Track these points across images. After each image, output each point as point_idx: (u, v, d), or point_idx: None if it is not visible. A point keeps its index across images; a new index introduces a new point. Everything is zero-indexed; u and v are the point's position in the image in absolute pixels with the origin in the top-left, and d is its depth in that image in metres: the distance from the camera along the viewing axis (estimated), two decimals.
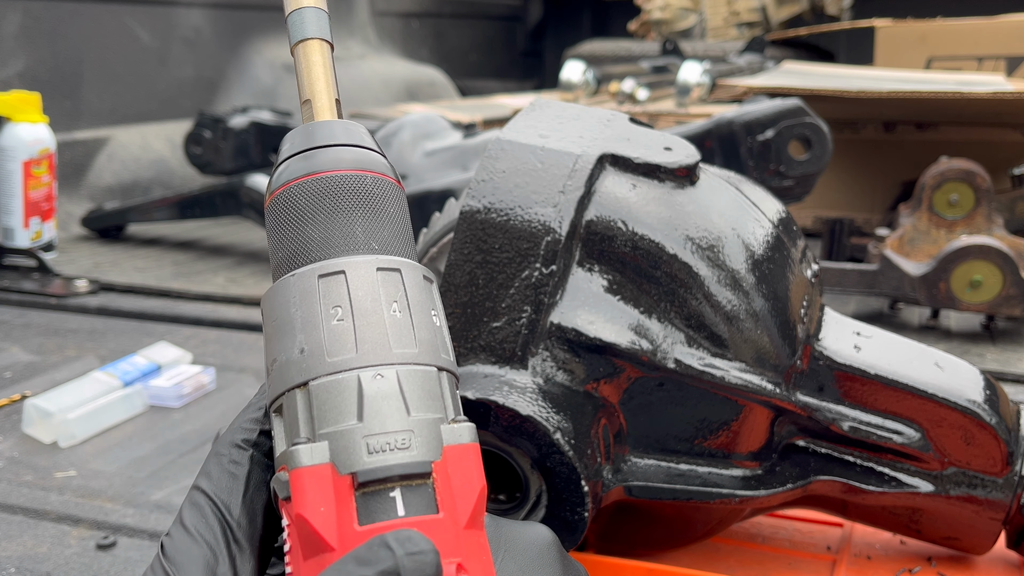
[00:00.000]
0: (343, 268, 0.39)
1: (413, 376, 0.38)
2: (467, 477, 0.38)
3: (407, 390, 0.38)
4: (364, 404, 0.37)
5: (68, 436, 0.98)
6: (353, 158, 0.42)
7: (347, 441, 0.37)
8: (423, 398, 0.38)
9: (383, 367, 0.38)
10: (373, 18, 3.42)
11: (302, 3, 0.44)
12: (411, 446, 0.37)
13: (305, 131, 0.43)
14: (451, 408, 0.39)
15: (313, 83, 0.43)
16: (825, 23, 3.39)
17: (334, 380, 0.38)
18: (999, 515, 0.69)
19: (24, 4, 2.10)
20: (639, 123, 0.73)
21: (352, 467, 0.37)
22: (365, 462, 0.37)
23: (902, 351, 0.71)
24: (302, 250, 0.40)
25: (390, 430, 0.37)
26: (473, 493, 0.38)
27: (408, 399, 0.38)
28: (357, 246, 0.40)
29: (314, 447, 0.37)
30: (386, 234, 0.41)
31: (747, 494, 0.66)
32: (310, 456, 0.37)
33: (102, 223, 1.94)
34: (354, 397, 0.38)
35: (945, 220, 1.53)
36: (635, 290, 0.64)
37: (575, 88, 2.49)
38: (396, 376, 0.38)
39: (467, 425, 0.39)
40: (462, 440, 0.39)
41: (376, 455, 0.37)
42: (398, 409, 0.38)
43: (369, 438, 0.37)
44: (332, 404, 0.38)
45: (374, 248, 0.40)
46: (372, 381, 0.38)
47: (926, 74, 2.14)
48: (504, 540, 0.42)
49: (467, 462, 0.38)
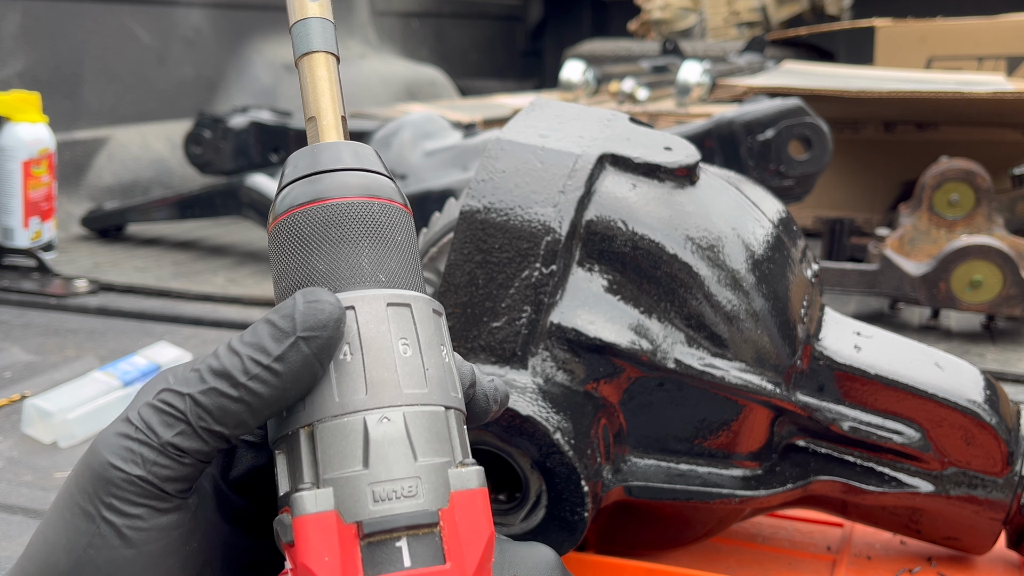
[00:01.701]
0: (353, 304, 0.39)
1: (420, 418, 0.38)
2: (475, 524, 0.37)
3: (414, 434, 0.37)
4: (370, 450, 0.37)
5: (68, 436, 0.98)
6: (360, 183, 0.40)
7: (352, 488, 0.36)
8: (430, 441, 0.38)
9: (390, 409, 0.37)
10: (373, 18, 3.42)
11: (307, 13, 0.43)
12: (418, 493, 0.36)
13: (311, 153, 0.41)
14: (459, 450, 0.39)
15: (319, 99, 0.42)
16: (825, 23, 3.39)
17: (340, 424, 0.37)
18: (999, 515, 0.69)
19: (24, 4, 2.10)
20: (639, 123, 0.72)
21: (357, 516, 0.36)
22: (371, 511, 0.36)
23: (902, 351, 0.71)
24: (307, 282, 0.39)
25: (396, 477, 0.36)
26: (481, 541, 0.37)
27: (415, 443, 0.37)
28: (364, 279, 0.39)
29: (319, 494, 0.36)
30: (393, 265, 0.40)
31: (747, 494, 0.66)
32: (315, 503, 0.36)
33: (102, 223, 1.94)
34: (360, 442, 0.37)
35: (945, 220, 1.53)
36: (635, 290, 0.64)
37: (575, 88, 2.49)
38: (403, 419, 0.37)
39: (475, 469, 0.38)
40: (470, 485, 0.38)
41: (382, 503, 0.36)
42: (404, 455, 0.37)
43: (375, 485, 0.36)
44: (337, 448, 0.37)
45: (381, 281, 0.39)
46: (378, 425, 0.37)
47: (926, 74, 2.14)
48: (508, 563, 0.41)
49: (475, 508, 0.38)
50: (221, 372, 0.37)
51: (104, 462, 0.37)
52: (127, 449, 0.37)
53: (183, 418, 0.37)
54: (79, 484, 0.38)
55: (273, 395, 0.37)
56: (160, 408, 0.37)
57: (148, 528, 0.37)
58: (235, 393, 0.37)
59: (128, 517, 0.37)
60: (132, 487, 0.37)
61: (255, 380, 0.37)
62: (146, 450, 0.37)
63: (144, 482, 0.37)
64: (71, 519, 0.37)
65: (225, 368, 0.37)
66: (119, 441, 0.37)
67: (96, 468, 0.37)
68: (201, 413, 0.37)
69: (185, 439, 0.37)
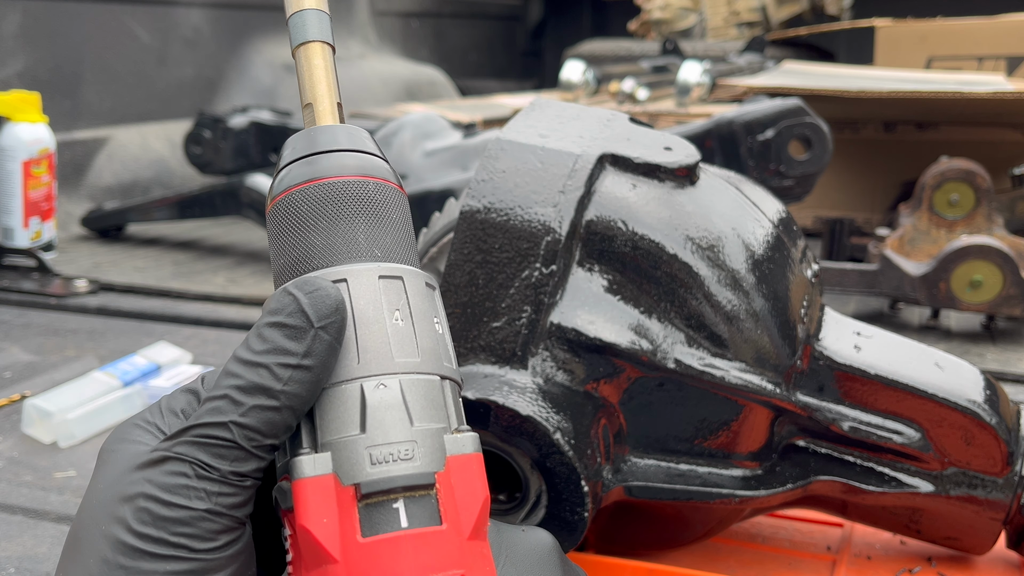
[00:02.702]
0: (345, 276, 0.39)
1: (416, 385, 0.38)
2: (470, 487, 0.38)
3: (410, 400, 0.38)
4: (367, 414, 0.37)
5: (68, 436, 0.98)
6: (356, 163, 0.41)
7: (350, 452, 0.37)
8: (426, 408, 0.38)
9: (386, 376, 0.38)
10: (373, 18, 3.42)
11: (303, 5, 0.44)
12: (414, 457, 0.37)
13: (307, 136, 0.42)
14: (454, 417, 0.39)
15: (315, 86, 0.43)
16: (825, 23, 3.39)
17: (337, 390, 0.38)
18: (999, 515, 0.69)
19: (24, 4, 2.10)
20: (639, 123, 0.72)
21: (355, 478, 0.36)
22: (368, 473, 0.36)
23: (902, 351, 0.71)
24: (304, 257, 0.40)
25: (393, 440, 0.37)
26: (476, 504, 0.38)
27: (411, 409, 0.38)
28: (359, 253, 0.40)
29: (317, 458, 0.37)
30: (388, 240, 0.41)
31: (747, 494, 0.66)
32: (313, 467, 0.37)
33: (102, 223, 1.94)
34: (357, 407, 0.37)
35: (945, 220, 1.53)
36: (635, 290, 0.64)
37: (575, 88, 2.49)
38: (399, 385, 0.38)
39: (470, 435, 0.39)
40: (465, 450, 0.38)
41: (379, 466, 0.37)
42: (401, 419, 0.37)
43: (372, 449, 0.37)
44: (335, 414, 0.38)
45: (376, 255, 0.40)
46: (375, 391, 0.38)
47: (926, 74, 2.14)
48: (505, 546, 0.42)
49: (470, 472, 0.38)
50: (253, 388, 0.37)
51: (165, 502, 0.37)
52: (186, 487, 0.37)
53: (235, 444, 0.37)
54: (126, 529, 0.37)
55: (311, 390, 0.38)
56: (206, 443, 0.37)
57: (228, 554, 0.37)
58: (276, 403, 0.37)
59: (207, 551, 0.37)
60: (205, 522, 0.37)
61: (291, 383, 0.37)
62: (208, 484, 0.37)
63: (214, 514, 0.37)
64: (123, 562, 0.36)
65: (256, 383, 0.37)
66: (175, 480, 0.37)
67: (156, 510, 0.37)
68: (250, 434, 0.37)
69: (243, 463, 0.37)
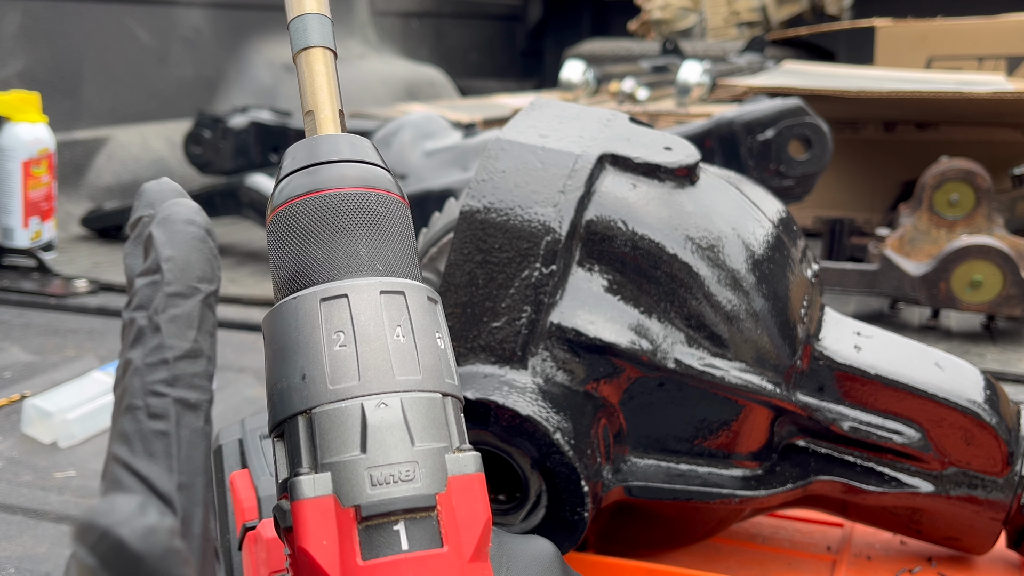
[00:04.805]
0: (346, 292, 0.39)
1: (417, 404, 0.38)
2: (472, 509, 0.37)
3: (411, 419, 0.37)
4: (368, 434, 0.37)
5: (68, 436, 0.98)
6: (358, 175, 0.41)
7: (350, 473, 0.36)
8: (427, 427, 0.38)
9: (387, 395, 0.37)
10: (373, 18, 3.42)
11: (304, 9, 0.43)
12: (415, 478, 0.37)
13: (308, 145, 0.42)
14: (456, 436, 0.39)
15: (316, 93, 0.43)
16: (825, 23, 3.39)
17: (337, 409, 0.37)
18: (999, 515, 0.69)
19: (24, 4, 2.10)
20: (639, 123, 0.72)
21: (355, 500, 0.36)
22: (368, 495, 0.36)
23: (902, 351, 0.71)
24: (305, 271, 0.40)
25: (394, 461, 0.37)
26: (478, 525, 0.37)
27: (412, 428, 0.37)
28: (361, 268, 0.40)
29: (316, 478, 0.36)
30: (390, 254, 0.40)
31: (747, 494, 0.66)
32: (312, 488, 0.36)
33: (102, 223, 1.93)
34: (357, 427, 0.37)
35: (945, 220, 1.53)
36: (635, 290, 0.64)
37: (575, 88, 2.49)
38: (400, 405, 0.37)
39: (472, 454, 0.38)
40: (467, 470, 0.38)
41: (380, 488, 0.36)
42: (402, 439, 0.37)
43: (372, 470, 0.36)
44: (335, 433, 0.37)
45: (378, 269, 0.40)
46: (376, 410, 0.37)
47: (926, 74, 2.14)
48: (506, 556, 0.41)
49: (472, 493, 0.38)
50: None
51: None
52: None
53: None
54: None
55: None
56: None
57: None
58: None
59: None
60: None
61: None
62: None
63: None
64: None
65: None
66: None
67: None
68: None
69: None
